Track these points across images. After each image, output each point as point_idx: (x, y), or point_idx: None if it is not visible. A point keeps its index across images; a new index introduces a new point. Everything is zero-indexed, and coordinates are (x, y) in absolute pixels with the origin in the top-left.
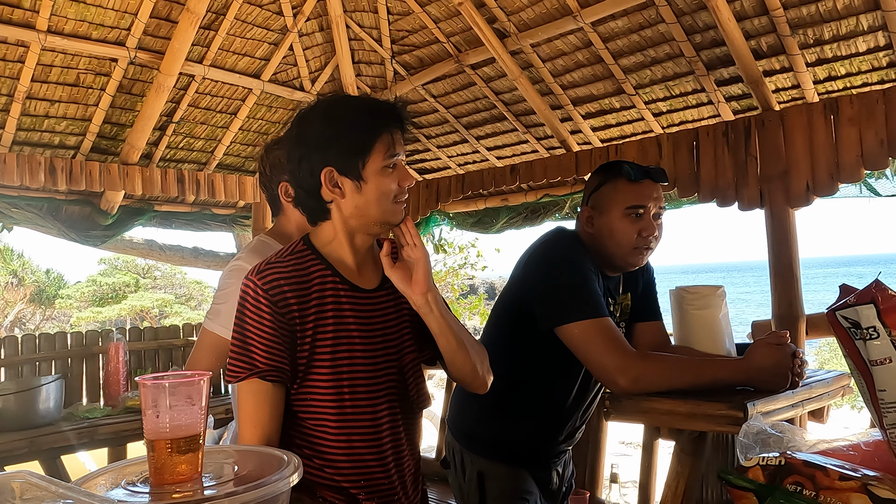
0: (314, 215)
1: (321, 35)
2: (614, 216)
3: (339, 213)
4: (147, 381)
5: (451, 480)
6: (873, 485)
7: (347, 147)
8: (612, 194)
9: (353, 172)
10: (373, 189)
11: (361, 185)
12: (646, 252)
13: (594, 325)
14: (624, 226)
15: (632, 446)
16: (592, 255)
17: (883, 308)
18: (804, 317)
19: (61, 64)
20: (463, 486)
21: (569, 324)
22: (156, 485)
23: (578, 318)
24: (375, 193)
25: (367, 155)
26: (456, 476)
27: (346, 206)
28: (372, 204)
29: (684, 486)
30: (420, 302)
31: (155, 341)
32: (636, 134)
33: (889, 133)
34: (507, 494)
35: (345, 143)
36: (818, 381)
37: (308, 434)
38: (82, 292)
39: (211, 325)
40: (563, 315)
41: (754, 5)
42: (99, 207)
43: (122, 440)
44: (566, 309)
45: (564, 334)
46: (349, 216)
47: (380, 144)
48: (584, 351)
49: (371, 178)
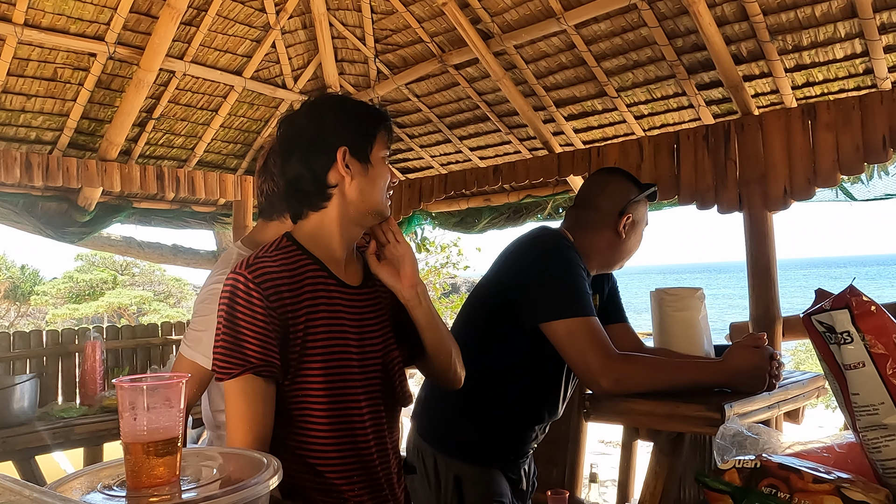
0: (309, 202)
1: (304, 33)
2: (641, 229)
3: (341, 199)
4: (124, 384)
5: (417, 485)
6: (846, 487)
7: (361, 130)
8: (645, 209)
9: (363, 155)
10: (377, 174)
11: (368, 169)
12: None
13: (582, 323)
14: (639, 241)
15: (611, 445)
16: (581, 252)
17: (857, 313)
18: (781, 319)
19: (38, 58)
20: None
21: (556, 320)
22: (132, 488)
23: (567, 315)
24: (378, 179)
25: (373, 140)
26: (426, 482)
27: (351, 189)
28: (374, 189)
29: (662, 486)
30: (409, 295)
31: (133, 340)
32: (618, 136)
33: (865, 139)
34: (485, 497)
35: (358, 126)
36: (793, 383)
37: (299, 432)
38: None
39: (190, 354)
40: (552, 311)
41: (735, 11)
42: (76, 204)
43: (99, 440)
44: (555, 305)
45: (550, 331)
46: (351, 202)
47: (381, 135)
48: (568, 349)
49: (375, 163)
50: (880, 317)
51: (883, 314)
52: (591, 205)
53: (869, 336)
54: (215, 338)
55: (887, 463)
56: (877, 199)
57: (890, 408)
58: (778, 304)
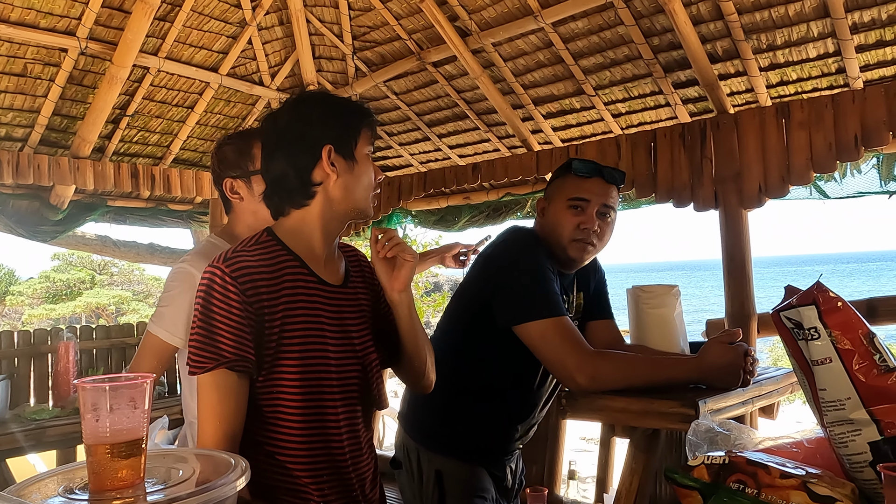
0: (292, 200)
1: (281, 29)
2: (559, 206)
3: (325, 196)
4: (87, 384)
5: (403, 481)
6: (812, 482)
7: (345, 126)
8: (560, 186)
9: (347, 152)
10: (361, 171)
11: (353, 166)
12: (587, 247)
13: (552, 324)
14: (566, 217)
15: (592, 442)
16: (549, 251)
17: (823, 309)
18: (756, 315)
19: (7, 53)
20: (419, 487)
21: (527, 323)
22: (95, 491)
23: (537, 317)
24: (363, 176)
25: (357, 137)
26: (410, 477)
27: (335, 187)
28: (359, 186)
29: (638, 482)
30: (395, 298)
31: (107, 340)
32: (596, 134)
33: (837, 137)
34: (466, 492)
35: (343, 123)
36: (768, 379)
37: (270, 429)
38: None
39: (154, 329)
40: (522, 314)
41: (710, 10)
42: (48, 202)
43: (72, 442)
44: (524, 308)
45: (523, 333)
46: (334, 199)
47: (365, 132)
48: (542, 349)
49: (360, 160)
50: (846, 313)
51: (849, 310)
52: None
53: (836, 332)
54: (191, 330)
55: (853, 457)
56: (850, 196)
57: (856, 403)
58: (753, 301)
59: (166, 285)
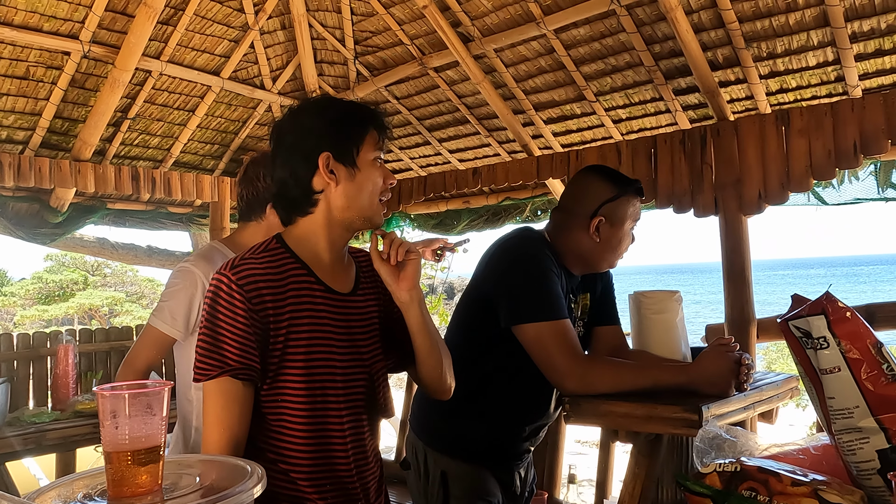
0: (296, 208)
1: (283, 34)
2: (626, 229)
3: (327, 204)
4: (106, 392)
5: (411, 482)
6: (823, 489)
7: (344, 133)
8: (626, 208)
9: (348, 159)
10: (364, 178)
11: (355, 173)
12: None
13: (550, 327)
14: (627, 241)
15: (588, 445)
16: (560, 255)
17: (833, 319)
18: (755, 321)
19: (10, 56)
20: (425, 486)
21: (526, 324)
22: (114, 498)
23: (536, 318)
24: (366, 183)
25: (360, 143)
26: (417, 477)
27: (336, 195)
28: (362, 194)
29: (641, 487)
30: (405, 298)
31: (106, 343)
32: (596, 140)
33: (836, 145)
34: (470, 494)
35: (342, 130)
36: (768, 384)
37: (273, 436)
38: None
39: (155, 322)
40: (522, 314)
41: (711, 18)
42: (48, 205)
43: (72, 445)
44: (525, 309)
45: (520, 333)
46: (336, 207)
47: (370, 136)
48: (536, 351)
49: (363, 167)
50: (855, 322)
51: (858, 320)
52: (565, 208)
53: (844, 341)
54: (198, 337)
55: (861, 465)
56: (847, 203)
57: (864, 411)
58: (752, 307)
59: (168, 283)
